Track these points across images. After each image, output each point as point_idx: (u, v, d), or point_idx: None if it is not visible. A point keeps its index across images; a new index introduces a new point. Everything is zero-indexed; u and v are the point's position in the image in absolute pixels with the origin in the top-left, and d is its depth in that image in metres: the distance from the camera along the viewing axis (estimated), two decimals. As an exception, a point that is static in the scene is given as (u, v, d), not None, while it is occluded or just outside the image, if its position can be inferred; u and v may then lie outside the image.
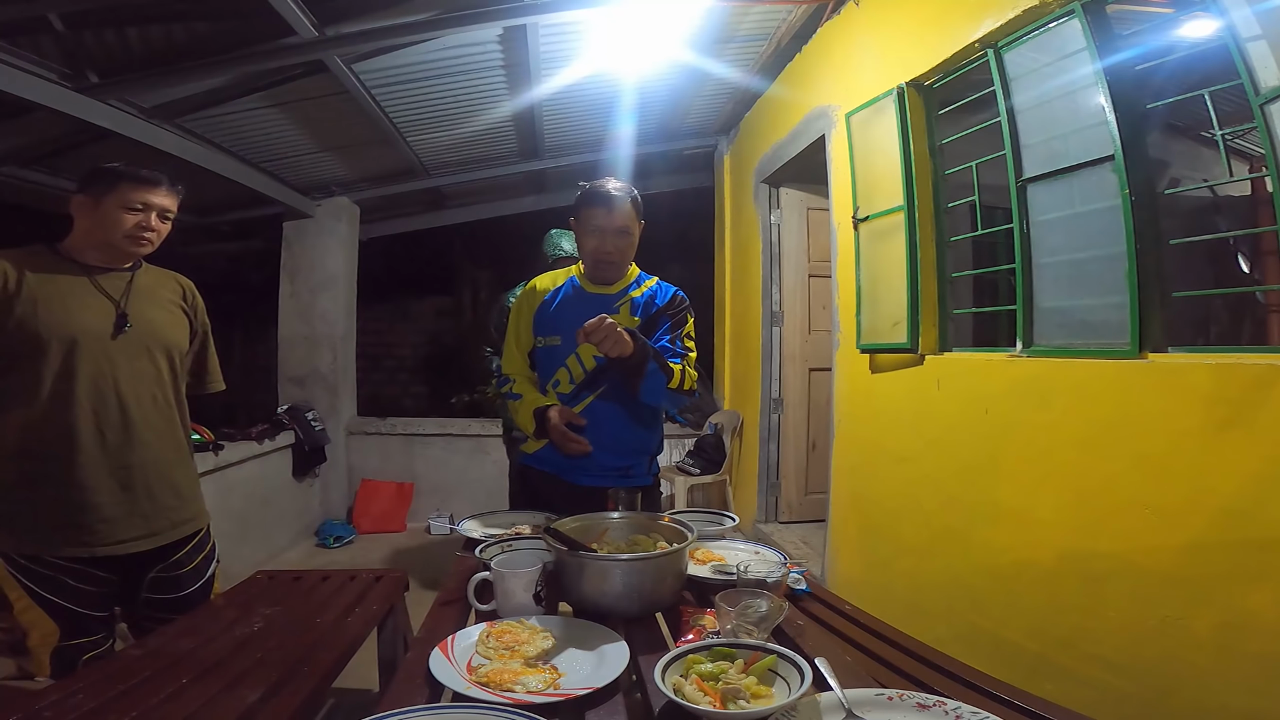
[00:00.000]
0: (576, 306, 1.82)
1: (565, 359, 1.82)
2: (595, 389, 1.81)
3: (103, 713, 1.29)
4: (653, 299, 1.88)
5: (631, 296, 1.87)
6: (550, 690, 0.92)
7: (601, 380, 1.81)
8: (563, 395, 1.83)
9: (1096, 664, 1.70)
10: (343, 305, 4.90)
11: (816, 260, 4.10)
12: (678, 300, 1.90)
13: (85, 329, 1.58)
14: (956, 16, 2.18)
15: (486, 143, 4.31)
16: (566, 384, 1.83)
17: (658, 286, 1.92)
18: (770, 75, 3.70)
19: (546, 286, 1.91)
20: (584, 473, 1.82)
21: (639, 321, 1.84)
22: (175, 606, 1.76)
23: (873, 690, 0.89)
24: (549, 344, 1.85)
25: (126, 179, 1.63)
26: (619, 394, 1.80)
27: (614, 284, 1.88)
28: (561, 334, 1.82)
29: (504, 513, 1.74)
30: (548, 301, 1.89)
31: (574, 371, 1.82)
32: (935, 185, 2.44)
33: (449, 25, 2.69)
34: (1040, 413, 1.92)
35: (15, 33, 2.39)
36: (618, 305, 1.85)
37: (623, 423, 1.83)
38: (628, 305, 1.86)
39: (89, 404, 1.59)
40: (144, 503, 1.67)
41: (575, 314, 1.78)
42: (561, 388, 1.84)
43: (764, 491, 4.13)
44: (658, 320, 1.86)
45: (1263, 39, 1.41)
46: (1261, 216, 2.35)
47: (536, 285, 1.93)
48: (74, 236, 1.65)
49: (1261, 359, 1.40)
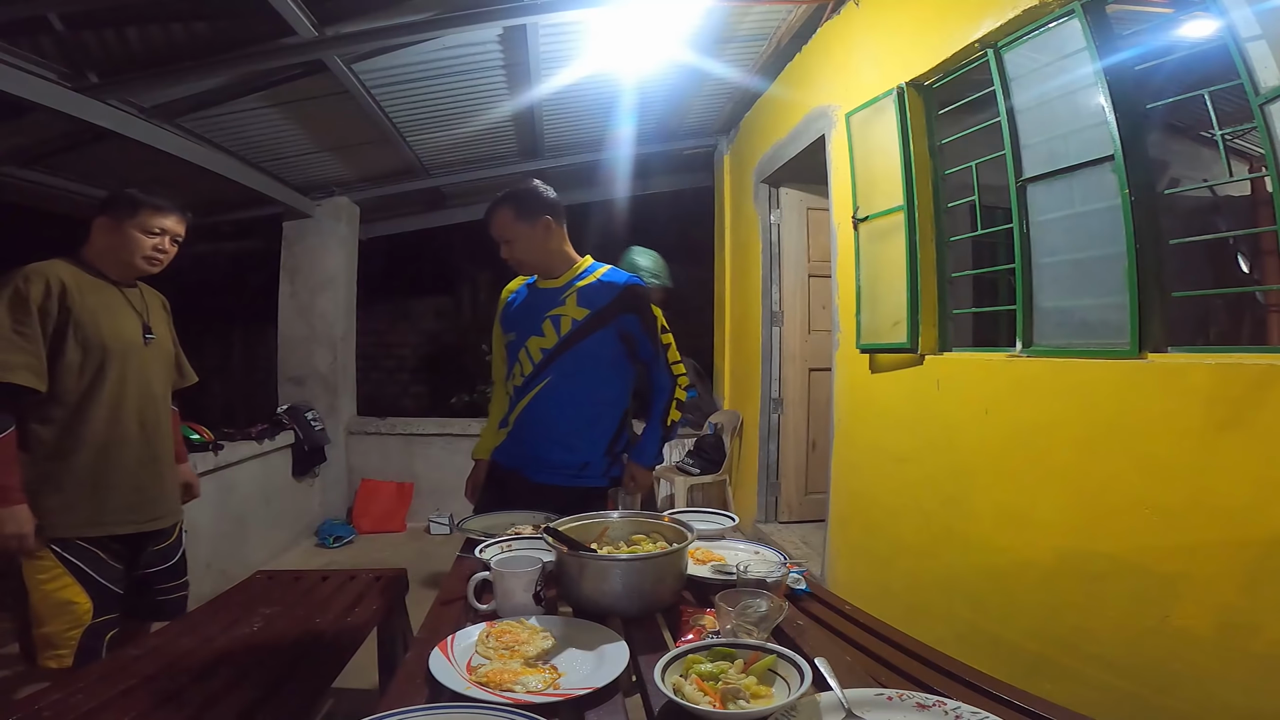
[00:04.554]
0: (529, 302, 1.95)
1: (518, 353, 1.92)
2: (540, 381, 1.88)
3: (103, 713, 1.29)
4: (603, 289, 1.89)
5: (578, 287, 1.90)
6: (550, 690, 0.92)
7: (545, 373, 1.88)
8: (516, 388, 1.93)
9: (1096, 664, 1.70)
10: (342, 305, 4.90)
11: (816, 260, 4.10)
12: (634, 294, 1.90)
13: (128, 338, 1.84)
14: (956, 16, 2.18)
15: (486, 143, 4.31)
16: (519, 376, 1.92)
17: (610, 274, 1.93)
18: (770, 75, 3.70)
19: (512, 289, 2.03)
20: (539, 468, 1.90)
21: (587, 311, 1.87)
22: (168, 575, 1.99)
23: (873, 690, 0.89)
24: (509, 340, 1.96)
25: (146, 206, 1.84)
26: (563, 384, 1.87)
27: (558, 277, 1.92)
28: (516, 330, 1.94)
29: (504, 513, 1.74)
30: (510, 301, 2.00)
31: (524, 365, 1.91)
32: (935, 185, 2.43)
33: (449, 25, 2.68)
34: (1040, 413, 1.92)
35: (15, 33, 2.39)
36: (564, 297, 1.89)
37: (568, 411, 1.88)
38: (574, 296, 1.89)
39: (134, 403, 1.85)
40: (166, 486, 1.96)
41: (527, 310, 1.95)
42: (514, 381, 1.94)
43: (764, 491, 4.13)
44: (610, 316, 1.88)
45: (1263, 39, 1.41)
46: (1261, 216, 2.35)
47: (507, 289, 2.04)
48: (94, 252, 1.84)
49: (1261, 359, 1.40)
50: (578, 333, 1.86)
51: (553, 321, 1.87)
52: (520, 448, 1.92)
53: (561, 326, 1.86)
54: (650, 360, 1.95)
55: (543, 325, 1.88)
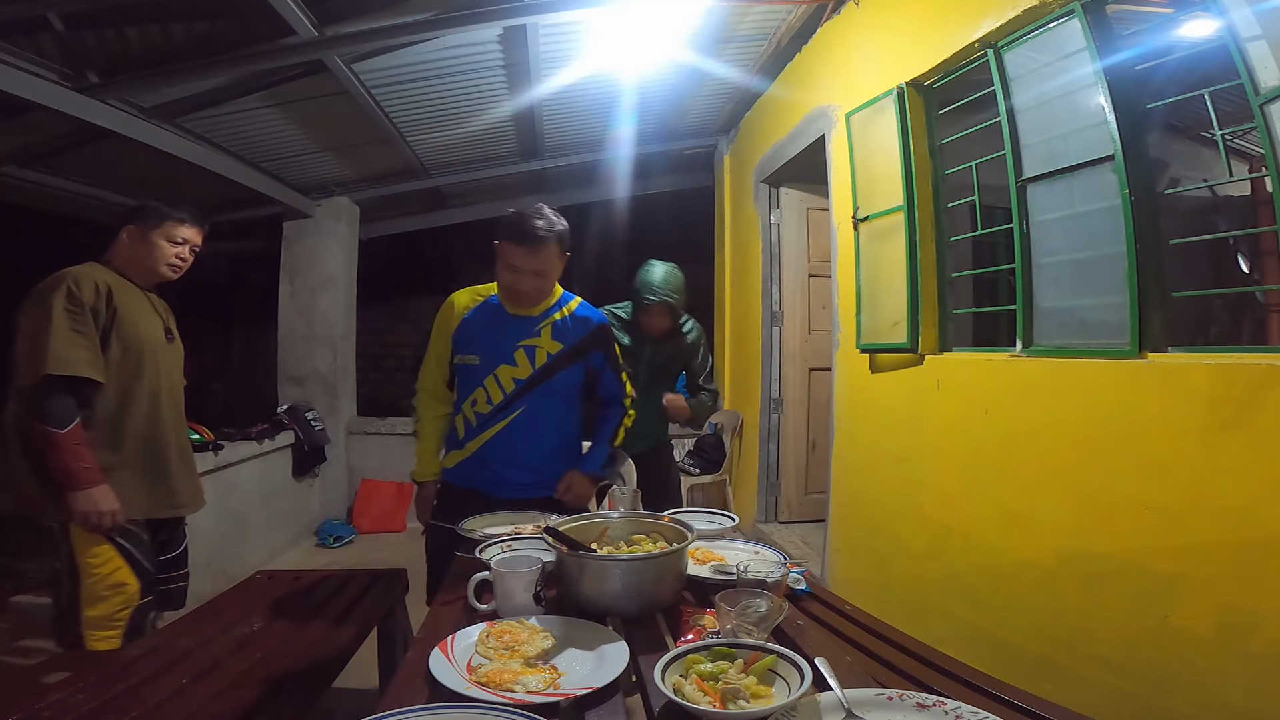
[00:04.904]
0: (496, 327, 1.83)
1: (483, 379, 1.82)
2: (511, 411, 1.83)
3: (103, 713, 1.29)
4: (577, 326, 1.88)
5: (554, 319, 1.86)
6: (550, 690, 0.92)
7: (517, 403, 1.83)
8: (480, 414, 1.83)
9: (1097, 664, 1.70)
10: (342, 305, 4.90)
11: (816, 260, 4.10)
12: (602, 333, 1.92)
13: (156, 338, 1.99)
14: (956, 16, 2.18)
15: (486, 143, 4.31)
16: (484, 404, 1.83)
17: (581, 311, 1.91)
18: (770, 75, 3.70)
19: (466, 304, 1.89)
20: (501, 487, 1.84)
21: (561, 346, 1.85)
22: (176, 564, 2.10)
23: (873, 690, 0.89)
24: (466, 362, 1.84)
25: (172, 217, 2.00)
26: (534, 417, 1.83)
27: (534, 307, 1.85)
28: (480, 354, 1.83)
29: (504, 513, 1.73)
30: (468, 320, 1.86)
31: (491, 393, 1.82)
32: (935, 185, 2.43)
33: (449, 25, 2.69)
34: (1040, 413, 1.92)
35: (15, 33, 2.39)
36: (539, 328, 1.85)
37: (539, 442, 1.86)
38: (549, 328, 1.85)
39: (166, 398, 1.99)
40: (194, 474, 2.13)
41: (495, 335, 1.83)
42: (479, 407, 1.83)
43: (764, 491, 4.13)
44: (583, 351, 1.88)
45: (1263, 39, 1.41)
46: (1261, 216, 2.35)
47: (455, 302, 1.90)
48: (121, 258, 1.97)
49: (1261, 359, 1.40)
50: (552, 366, 1.84)
51: (526, 352, 1.83)
52: (483, 470, 1.86)
53: (536, 358, 1.83)
54: (610, 395, 1.96)
55: (515, 354, 1.82)
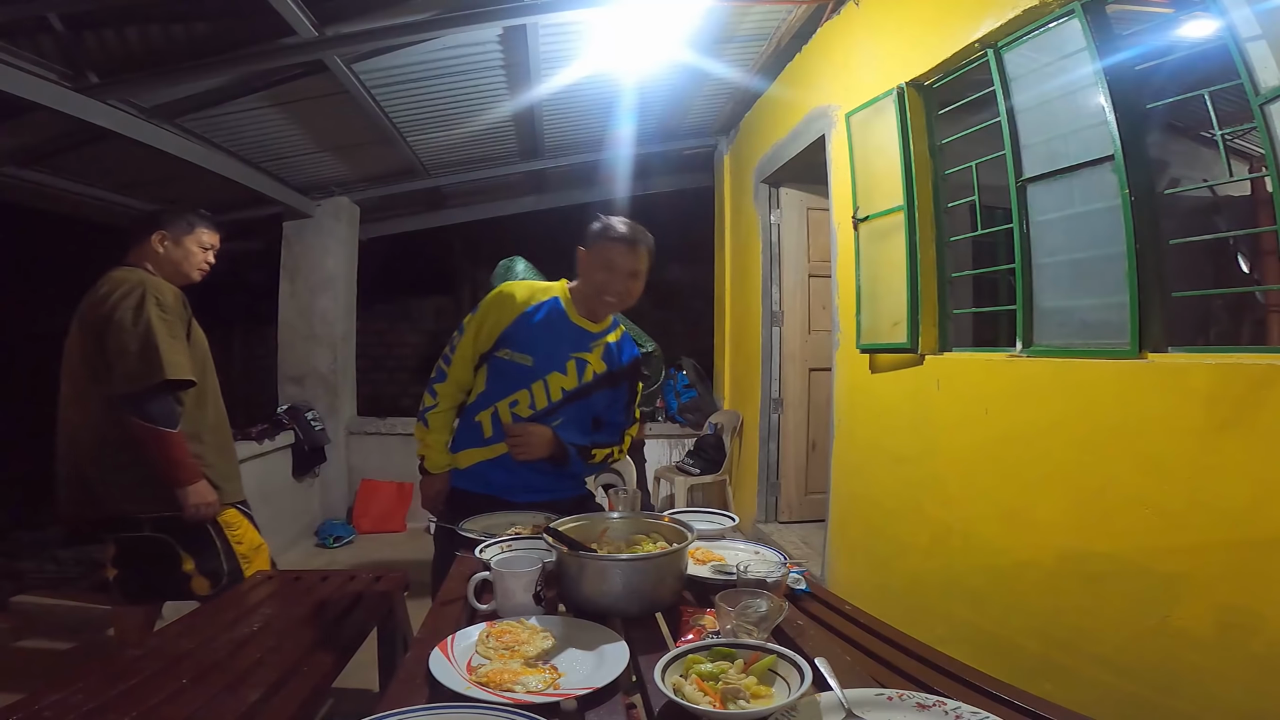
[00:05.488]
0: (559, 333, 1.79)
1: (531, 383, 1.78)
2: (553, 421, 1.80)
3: (103, 713, 1.29)
4: (619, 352, 1.87)
5: (607, 341, 1.85)
6: (550, 690, 0.92)
7: (559, 413, 1.81)
8: (519, 417, 1.78)
9: (1096, 664, 1.70)
10: (343, 305, 4.90)
11: (816, 260, 4.10)
12: (636, 365, 1.91)
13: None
14: (956, 16, 2.18)
15: (486, 143, 4.31)
16: (525, 408, 1.78)
17: (625, 340, 1.90)
18: (770, 75, 3.70)
19: (525, 300, 1.80)
20: (523, 491, 1.82)
21: (605, 368, 1.84)
22: None
23: (873, 690, 0.89)
24: (517, 360, 1.77)
25: (203, 223, 2.19)
26: (568, 429, 1.81)
27: (600, 322, 1.83)
28: (535, 355, 1.77)
29: (504, 512, 1.73)
30: (528, 315, 1.79)
31: (537, 398, 1.78)
32: (935, 185, 2.43)
33: (449, 25, 2.69)
34: (1040, 413, 1.92)
35: (15, 33, 2.39)
36: (594, 345, 1.83)
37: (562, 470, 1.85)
38: (602, 349, 1.84)
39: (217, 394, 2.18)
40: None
41: (554, 340, 1.78)
42: (519, 409, 1.78)
43: (764, 491, 4.13)
44: (618, 380, 1.87)
45: (1263, 39, 1.41)
46: (1261, 216, 2.35)
47: (515, 294, 1.81)
48: (157, 264, 2.10)
49: (1261, 359, 1.40)
50: (595, 385, 1.83)
51: (578, 365, 1.80)
52: (505, 474, 1.81)
53: (585, 374, 1.81)
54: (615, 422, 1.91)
55: (567, 364, 1.79)
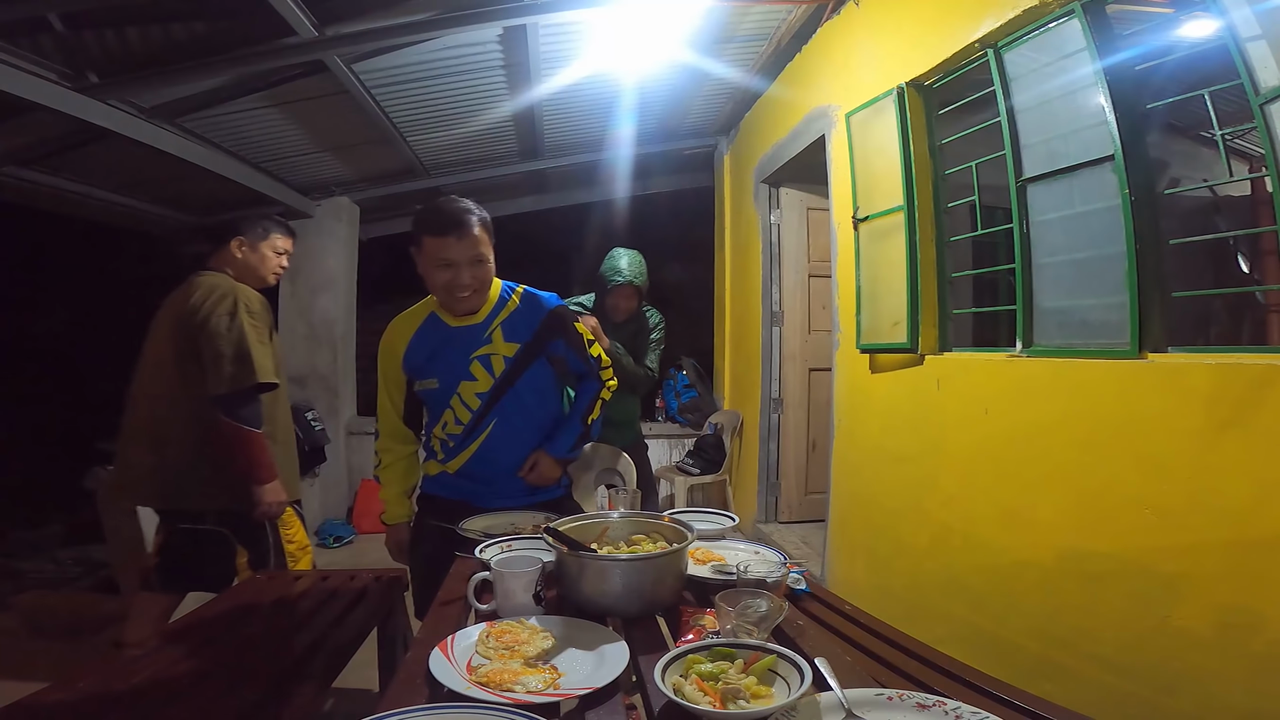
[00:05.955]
0: (444, 344, 1.73)
1: (448, 401, 1.74)
2: (484, 427, 1.75)
3: (103, 713, 1.29)
4: (527, 318, 1.76)
5: (500, 321, 1.74)
6: (550, 690, 0.92)
7: (488, 417, 1.75)
8: (454, 435, 1.75)
9: (1097, 664, 1.70)
10: (343, 305, 4.91)
11: (816, 260, 4.10)
12: (557, 318, 1.79)
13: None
14: (956, 16, 2.18)
15: (486, 143, 4.31)
16: (454, 425, 1.75)
17: (528, 300, 1.79)
18: (770, 75, 3.70)
19: (406, 329, 1.77)
20: (494, 497, 1.77)
21: (518, 345, 1.73)
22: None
23: (873, 690, 0.89)
24: (426, 387, 1.76)
25: (277, 228, 2.29)
26: (509, 426, 1.76)
27: (477, 312, 1.73)
28: (436, 376, 1.73)
29: (504, 512, 1.73)
30: (413, 344, 1.75)
31: (459, 413, 1.74)
32: (935, 185, 2.43)
33: (449, 25, 2.69)
34: (1040, 413, 1.92)
35: (15, 33, 2.39)
36: (488, 334, 1.73)
37: (520, 448, 1.78)
38: (499, 331, 1.74)
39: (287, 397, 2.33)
40: None
41: (446, 352, 1.73)
42: (450, 429, 1.76)
43: (764, 491, 4.13)
44: (542, 344, 1.76)
45: (1263, 39, 1.41)
46: (1261, 216, 2.35)
47: (394, 330, 1.79)
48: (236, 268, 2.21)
49: (1261, 359, 1.40)
50: (512, 372, 1.74)
51: (482, 362, 1.72)
52: (470, 483, 1.79)
53: (494, 367, 1.73)
54: (583, 374, 1.86)
55: (470, 368, 1.72)
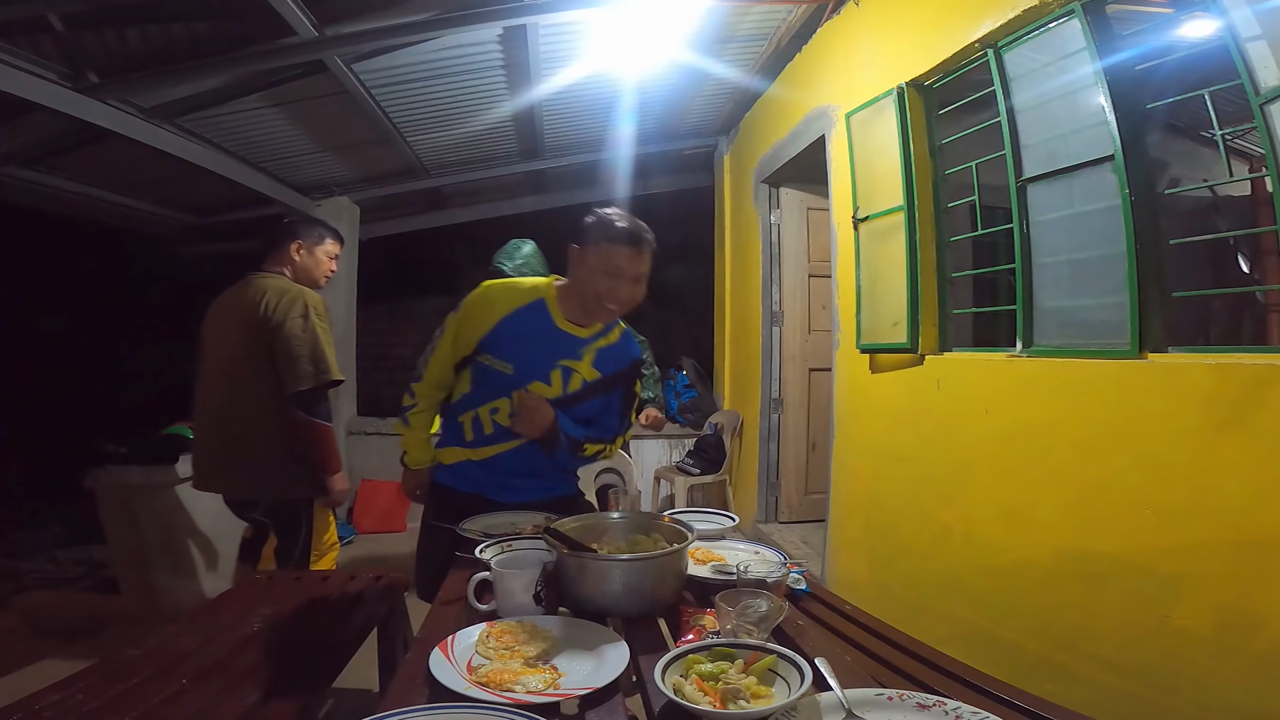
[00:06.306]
0: (540, 340, 1.66)
1: (511, 391, 1.66)
2: None
3: (103, 713, 1.29)
4: (617, 355, 1.73)
5: (598, 346, 1.70)
6: (550, 690, 0.92)
7: None
8: (500, 425, 1.69)
9: (1097, 664, 1.70)
10: (342, 305, 4.90)
11: (816, 260, 4.10)
12: (637, 367, 1.78)
13: None
14: (956, 16, 2.18)
15: (486, 143, 4.31)
16: (505, 416, 1.68)
17: (624, 338, 1.76)
18: (770, 75, 3.70)
19: (507, 304, 1.68)
20: (508, 491, 1.75)
21: (598, 375, 1.70)
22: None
23: (873, 690, 0.89)
24: (497, 367, 1.66)
25: (330, 234, 2.44)
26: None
27: (590, 325, 1.69)
28: (516, 364, 1.65)
29: (504, 512, 1.73)
30: (509, 321, 1.66)
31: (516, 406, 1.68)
32: (935, 185, 2.43)
33: (449, 25, 2.69)
34: (1040, 413, 1.92)
35: (15, 33, 2.39)
36: (583, 352, 1.68)
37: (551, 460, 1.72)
38: (593, 354, 1.69)
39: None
40: None
41: (537, 348, 1.66)
42: (499, 416, 1.69)
43: (764, 491, 4.13)
44: (614, 385, 1.73)
45: (1263, 39, 1.41)
46: (1261, 216, 2.35)
47: (497, 298, 1.69)
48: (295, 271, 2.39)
49: (1261, 359, 1.40)
50: (583, 393, 1.69)
51: (563, 374, 1.67)
52: (490, 476, 1.76)
53: (570, 383, 1.68)
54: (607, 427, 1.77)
55: (551, 373, 1.66)
